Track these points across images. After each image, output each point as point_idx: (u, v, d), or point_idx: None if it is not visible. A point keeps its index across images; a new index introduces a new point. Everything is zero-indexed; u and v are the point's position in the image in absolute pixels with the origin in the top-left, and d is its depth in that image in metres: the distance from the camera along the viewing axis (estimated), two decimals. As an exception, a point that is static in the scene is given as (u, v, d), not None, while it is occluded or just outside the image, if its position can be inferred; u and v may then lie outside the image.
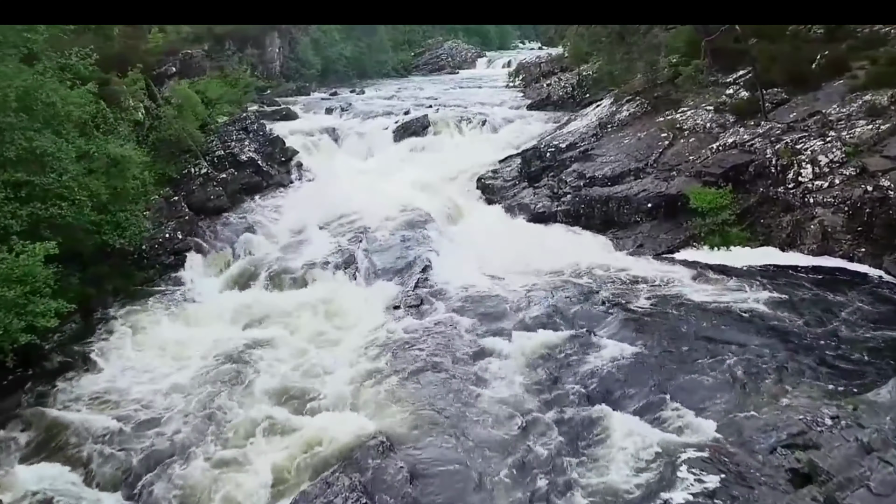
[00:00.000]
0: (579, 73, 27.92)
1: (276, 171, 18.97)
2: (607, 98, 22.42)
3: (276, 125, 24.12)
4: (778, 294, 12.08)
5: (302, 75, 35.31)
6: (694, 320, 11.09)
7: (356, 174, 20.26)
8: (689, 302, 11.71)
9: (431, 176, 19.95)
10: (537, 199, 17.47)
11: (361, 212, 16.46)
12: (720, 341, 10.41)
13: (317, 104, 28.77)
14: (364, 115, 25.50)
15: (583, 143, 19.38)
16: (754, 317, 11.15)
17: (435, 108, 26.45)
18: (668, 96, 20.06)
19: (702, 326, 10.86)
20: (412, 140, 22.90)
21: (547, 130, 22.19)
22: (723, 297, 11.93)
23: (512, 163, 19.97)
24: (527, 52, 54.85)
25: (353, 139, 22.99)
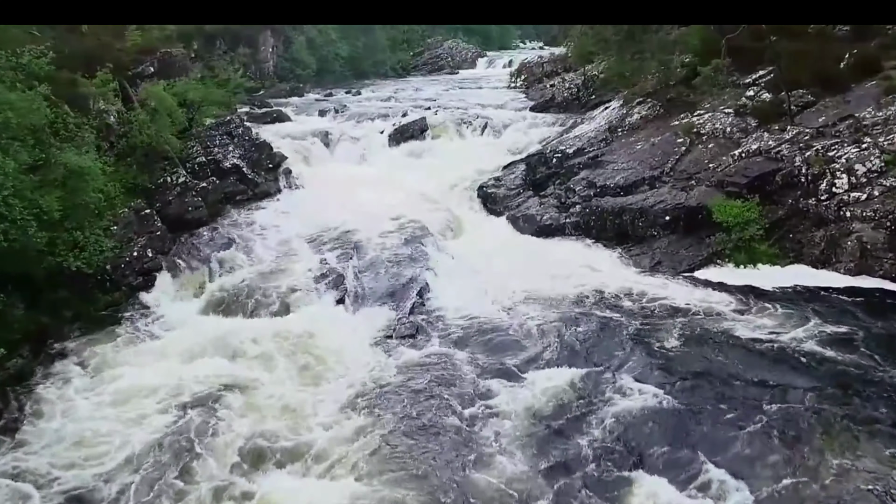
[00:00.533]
0: (584, 74, 26.44)
1: (263, 179, 17.50)
2: (616, 100, 20.97)
3: (266, 128, 22.70)
4: (817, 322, 10.62)
5: (296, 75, 33.84)
6: (725, 356, 9.64)
7: (349, 182, 18.80)
8: (718, 333, 10.25)
9: (429, 183, 18.51)
10: (543, 210, 16.01)
11: (353, 224, 15.00)
12: (757, 383, 8.97)
13: (310, 106, 27.31)
14: (359, 117, 24.04)
15: (592, 149, 17.93)
16: (794, 351, 9.69)
17: (433, 111, 24.95)
18: (683, 98, 18.61)
19: (735, 364, 9.41)
20: (409, 144, 21.44)
21: (552, 134, 20.74)
22: (755, 327, 10.48)
23: (515, 169, 18.52)
24: (528, 52, 53.40)
25: (347, 144, 21.53)
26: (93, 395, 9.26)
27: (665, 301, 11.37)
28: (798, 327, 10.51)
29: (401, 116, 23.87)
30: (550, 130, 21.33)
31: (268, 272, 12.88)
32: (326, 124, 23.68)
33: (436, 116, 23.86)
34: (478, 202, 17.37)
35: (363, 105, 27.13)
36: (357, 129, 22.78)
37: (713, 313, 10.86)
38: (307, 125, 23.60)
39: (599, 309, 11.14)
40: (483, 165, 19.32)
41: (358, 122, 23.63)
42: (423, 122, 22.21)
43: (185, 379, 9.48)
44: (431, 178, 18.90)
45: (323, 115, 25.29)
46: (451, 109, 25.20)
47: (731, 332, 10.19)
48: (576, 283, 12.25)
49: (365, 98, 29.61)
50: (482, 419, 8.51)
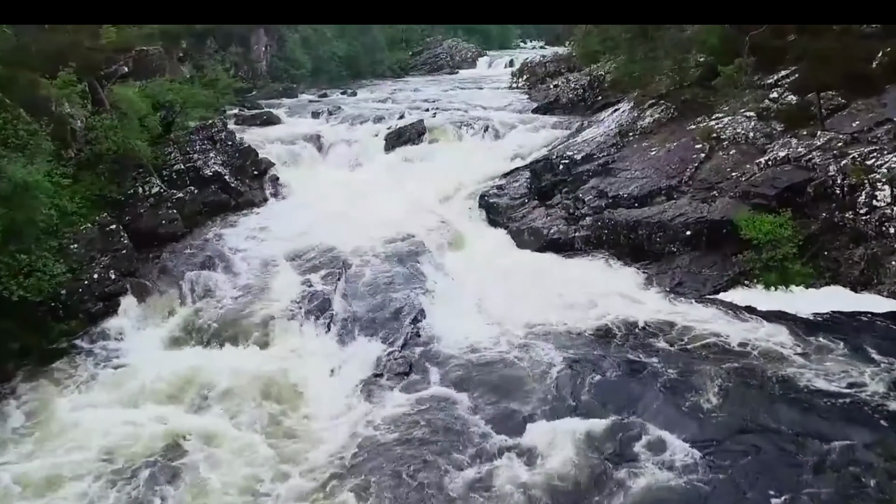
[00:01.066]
0: (590, 74, 25.01)
1: (247, 188, 16.09)
2: (625, 102, 19.54)
3: (256, 131, 21.31)
4: (864, 356, 9.25)
5: (290, 75, 32.38)
6: (767, 402, 8.24)
7: (341, 189, 17.37)
8: (757, 371, 8.84)
9: (427, 192, 17.07)
10: (551, 222, 14.58)
11: (343, 237, 13.57)
12: (806, 435, 7.59)
13: (303, 107, 25.86)
14: (353, 119, 22.60)
15: (602, 155, 16.49)
16: (843, 395, 8.27)
17: (432, 112, 23.53)
18: (698, 100, 17.18)
19: (779, 412, 8.01)
20: (406, 149, 20.00)
21: (558, 138, 19.31)
22: (796, 364, 9.05)
23: (519, 176, 17.08)
24: (529, 52, 51.95)
25: (340, 148, 20.10)
26: (31, 444, 7.87)
27: (692, 329, 9.95)
28: (844, 363, 9.11)
29: (397, 119, 22.47)
30: (556, 134, 19.90)
31: (246, 295, 11.47)
32: (319, 127, 22.24)
33: (434, 119, 22.44)
34: (479, 212, 15.93)
35: (358, 106, 25.68)
36: (351, 132, 21.36)
37: (747, 347, 9.43)
38: (299, 128, 22.17)
39: (618, 342, 9.71)
40: (484, 172, 17.90)
41: (352, 124, 22.20)
42: (421, 125, 20.80)
43: (138, 427, 8.11)
44: (429, 186, 17.46)
45: (316, 116, 23.85)
46: (451, 111, 23.79)
47: (770, 372, 8.77)
48: (589, 309, 10.84)
49: (361, 99, 28.16)
50: (485, 480, 7.12)
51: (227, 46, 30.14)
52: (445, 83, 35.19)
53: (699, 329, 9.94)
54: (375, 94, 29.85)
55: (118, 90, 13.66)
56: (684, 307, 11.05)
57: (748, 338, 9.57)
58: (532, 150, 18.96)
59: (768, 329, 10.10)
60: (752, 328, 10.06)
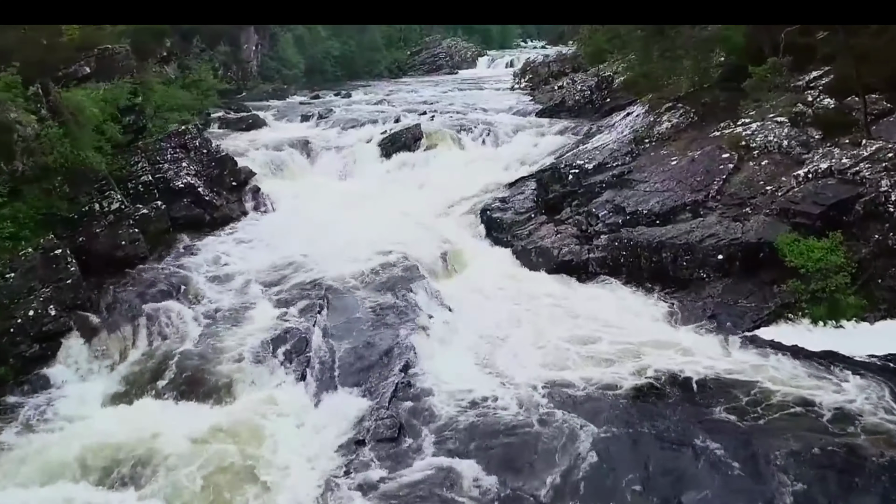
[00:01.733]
0: (598, 75, 23.33)
1: (224, 201, 14.40)
2: (639, 105, 17.85)
3: (239, 137, 19.68)
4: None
5: (282, 76, 30.69)
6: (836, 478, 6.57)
7: (329, 201, 15.71)
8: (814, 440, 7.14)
9: (423, 204, 15.40)
10: (561, 242, 12.87)
11: (328, 259, 11.89)
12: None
13: (293, 110, 24.16)
14: (345, 123, 20.90)
15: (616, 164, 14.81)
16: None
17: (429, 116, 21.86)
18: (720, 103, 15.53)
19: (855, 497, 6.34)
20: (401, 156, 18.33)
21: (566, 144, 17.62)
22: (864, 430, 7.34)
23: (524, 187, 15.38)
24: (530, 51, 50.28)
25: (330, 155, 18.42)
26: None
27: (740, 384, 8.19)
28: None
29: (392, 122, 20.79)
30: (563, 139, 18.22)
31: (212, 333, 9.76)
32: (308, 132, 20.57)
33: (432, 123, 20.80)
34: (480, 228, 14.23)
35: (352, 109, 23.98)
36: (342, 137, 19.68)
37: (813, 408, 7.66)
38: (286, 132, 20.51)
39: (647, 395, 8.00)
40: (486, 181, 16.22)
41: (344, 129, 20.52)
42: (418, 130, 19.11)
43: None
44: (425, 197, 15.82)
45: (305, 120, 22.17)
46: (450, 114, 22.12)
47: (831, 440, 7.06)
48: (611, 352, 9.13)
49: (355, 101, 26.45)
50: None
51: (215, 45, 28.41)
52: (444, 84, 33.52)
53: (748, 379, 8.22)
54: (370, 95, 28.16)
55: (68, 94, 11.93)
56: (719, 348, 9.34)
57: (812, 394, 7.83)
58: (538, 157, 17.29)
59: (818, 374, 8.40)
60: (811, 377, 8.34)
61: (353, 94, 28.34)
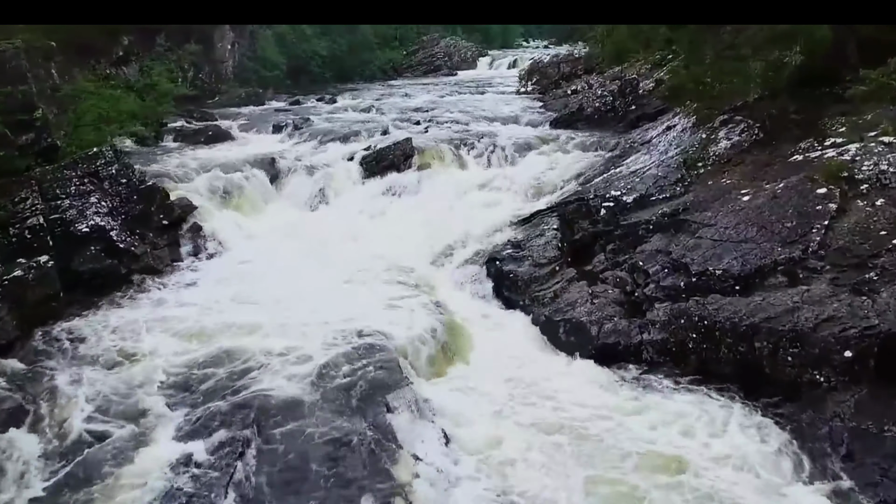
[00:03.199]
0: (621, 78, 19.59)
1: (149, 247, 10.66)
2: (681, 116, 14.11)
3: (194, 153, 15.95)
4: None
5: (262, 78, 26.86)
6: None
7: (293, 242, 12.02)
8: None
9: (412, 246, 11.68)
10: (600, 312, 9.10)
11: (273, 345, 8.16)
12: None
13: (266, 118, 20.38)
14: (323, 136, 17.17)
15: (663, 196, 11.10)
16: None
17: (423, 126, 18.15)
18: (790, 116, 11.82)
19: None
20: (388, 178, 14.59)
21: (592, 165, 13.88)
22: None
23: (544, 225, 11.60)
24: (533, 51, 46.50)
25: (300, 178, 14.67)
26: None
27: None
28: None
29: (380, 135, 17.06)
30: (587, 158, 14.48)
31: (70, 483, 6.05)
32: (278, 146, 16.84)
33: (426, 135, 17.09)
34: (488, 284, 10.49)
35: (334, 118, 20.20)
36: (318, 153, 15.95)
37: None
38: (252, 147, 16.76)
39: None
40: (493, 214, 12.51)
41: (321, 143, 16.78)
42: (409, 146, 15.36)
43: None
44: (416, 236, 12.08)
45: (277, 131, 18.42)
46: (448, 124, 18.38)
47: None
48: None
49: (340, 107, 22.64)
50: None
51: (183, 44, 24.62)
52: (442, 87, 29.73)
53: None
54: (358, 100, 24.34)
55: None
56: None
57: None
58: (557, 182, 13.57)
59: None
60: None
61: (338, 98, 24.55)
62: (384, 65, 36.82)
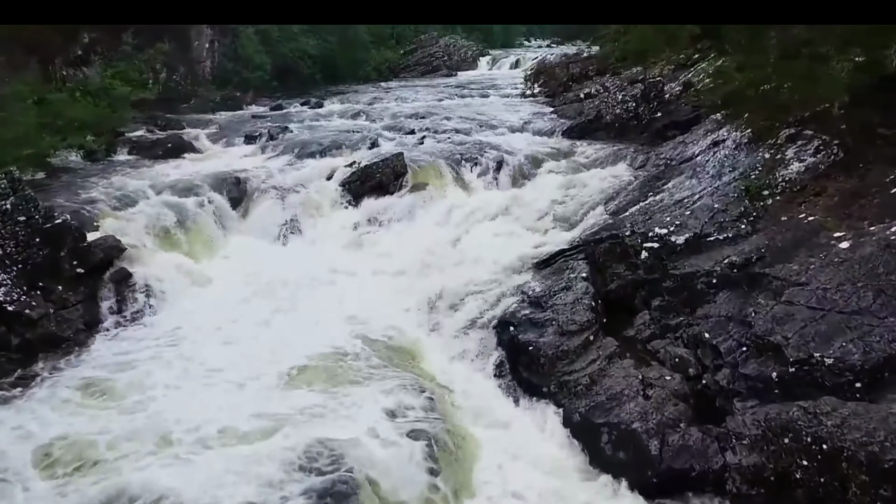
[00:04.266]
0: (643, 80, 16.89)
1: (55, 306, 7.97)
2: (730, 128, 11.40)
3: (148, 170, 13.28)
4: None
5: (244, 80, 24.09)
6: None
7: (248, 295, 9.32)
8: None
9: (400, 299, 8.99)
10: (658, 414, 6.36)
11: (164, 480, 5.48)
12: None
13: (240, 126, 17.67)
14: (302, 149, 14.48)
15: (724, 236, 8.39)
16: None
17: (419, 137, 15.45)
18: (877, 130, 9.14)
19: None
20: (374, 203, 11.94)
21: (622, 189, 11.16)
22: None
23: (568, 271, 8.87)
24: (536, 51, 43.80)
25: (270, 202, 11.96)
26: None
27: None
28: None
29: (367, 148, 14.38)
30: (613, 178, 11.78)
31: None
32: (247, 161, 14.13)
33: (422, 147, 14.43)
34: (498, 354, 7.80)
35: (317, 126, 17.49)
36: (293, 170, 13.26)
37: None
38: (217, 162, 14.07)
39: None
40: (502, 252, 9.78)
41: (298, 157, 14.10)
42: (400, 163, 12.68)
43: None
44: (405, 283, 9.40)
45: (250, 141, 15.73)
46: (447, 134, 15.69)
47: None
48: None
49: (325, 113, 19.89)
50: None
51: (155, 42, 21.87)
52: (441, 89, 26.98)
53: None
54: (347, 105, 21.61)
55: None
56: None
57: None
58: (580, 209, 10.85)
59: None
60: None
61: (325, 102, 21.78)
62: (379, 65, 34.05)
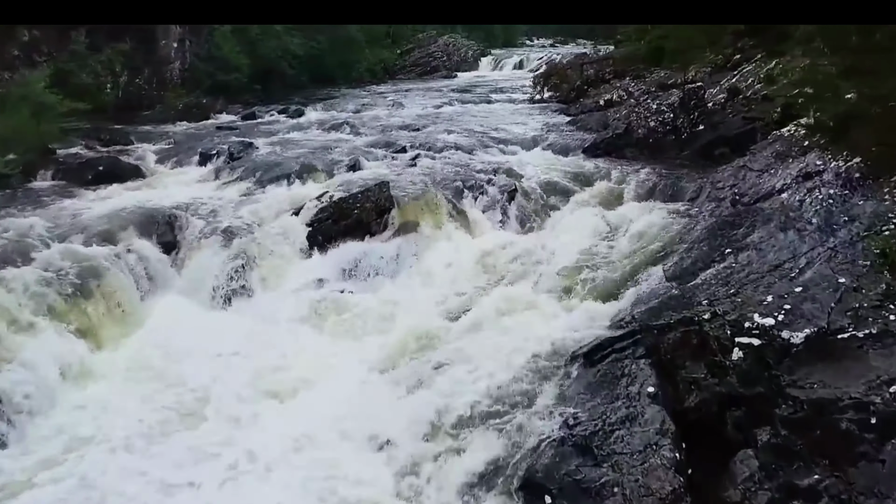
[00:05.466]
0: (682, 85, 13.82)
1: None
2: (820, 154, 8.29)
3: (68, 202, 10.22)
4: None
5: (219, 83, 20.92)
6: None
7: (143, 409, 6.26)
8: None
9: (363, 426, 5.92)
10: None
11: None
12: None
13: (198, 141, 14.52)
14: (265, 172, 11.38)
15: (867, 333, 5.31)
16: None
17: (411, 155, 12.37)
18: None
19: None
20: (350, 250, 8.86)
21: (682, 235, 8.03)
22: None
23: (623, 377, 5.79)
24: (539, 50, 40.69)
25: (212, 249, 8.82)
26: None
27: None
28: None
29: (346, 170, 11.33)
30: (661, 218, 8.73)
31: None
32: (197, 190, 11.06)
33: (414, 170, 11.36)
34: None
35: (290, 140, 14.34)
36: (250, 203, 10.15)
37: None
38: (156, 192, 10.98)
39: None
40: (520, 341, 6.68)
41: (260, 183, 11.04)
42: (384, 195, 9.59)
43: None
44: (377, 391, 6.34)
45: (205, 162, 12.64)
46: (445, 153, 12.62)
47: None
48: None
49: (304, 124, 16.70)
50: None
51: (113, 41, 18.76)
52: (440, 92, 23.85)
53: None
54: (332, 112, 18.48)
55: None
56: None
57: None
58: (625, 268, 7.74)
59: None
60: None
61: (307, 110, 18.63)
62: (374, 65, 30.87)
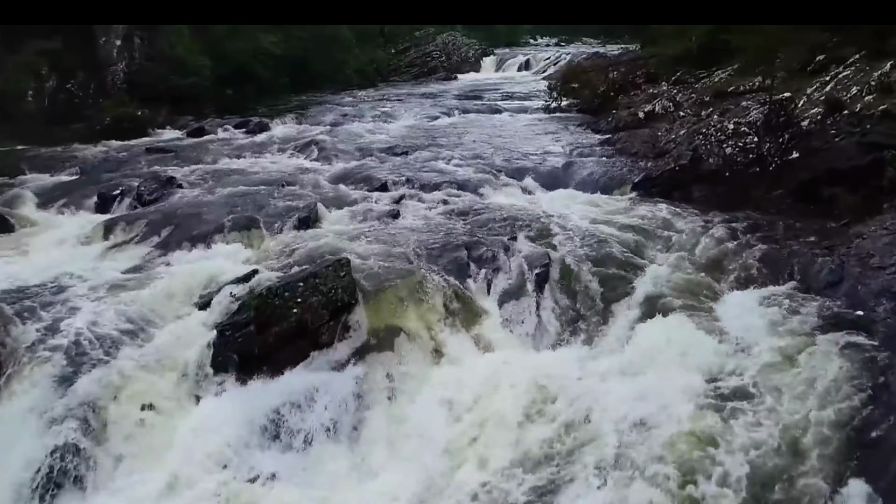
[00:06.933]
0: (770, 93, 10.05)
1: None
2: None
3: None
4: None
5: (174, 88, 17.08)
6: None
7: None
8: None
9: None
10: None
11: None
12: None
13: (113, 173, 10.71)
14: (177, 227, 7.64)
15: None
16: None
17: (392, 199, 8.61)
18: None
19: None
20: (279, 388, 5.10)
21: (835, 389, 4.36)
22: None
23: None
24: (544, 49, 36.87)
25: (37, 392, 5.08)
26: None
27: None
28: None
29: (293, 225, 7.58)
30: (806, 325, 5.00)
31: None
32: (69, 258, 7.30)
33: (394, 224, 7.60)
34: None
35: (232, 173, 10.45)
36: (140, 283, 6.37)
37: None
38: (12, 263, 7.23)
39: None
40: None
41: (164, 247, 7.29)
42: (342, 282, 5.77)
43: None
44: None
45: (104, 207, 8.90)
46: (441, 191, 8.88)
47: None
48: None
49: (264, 142, 12.88)
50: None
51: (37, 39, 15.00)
52: (438, 99, 20.02)
53: None
54: (303, 127, 14.65)
55: None
56: None
57: None
58: (722, 416, 4.02)
59: None
60: None
61: (272, 123, 14.85)
62: (365, 66, 27.00)
